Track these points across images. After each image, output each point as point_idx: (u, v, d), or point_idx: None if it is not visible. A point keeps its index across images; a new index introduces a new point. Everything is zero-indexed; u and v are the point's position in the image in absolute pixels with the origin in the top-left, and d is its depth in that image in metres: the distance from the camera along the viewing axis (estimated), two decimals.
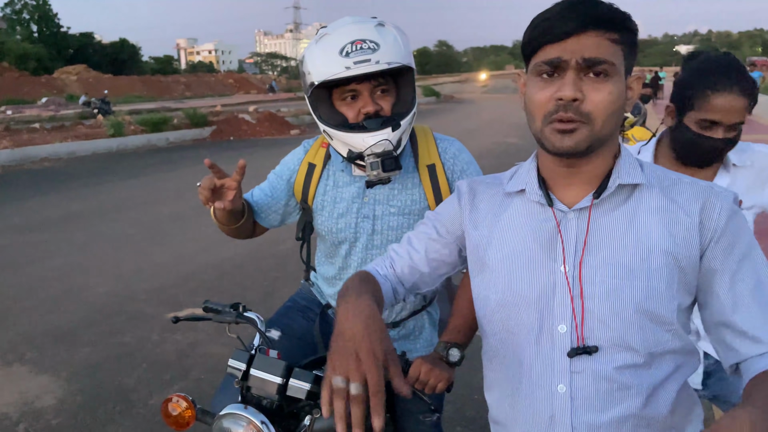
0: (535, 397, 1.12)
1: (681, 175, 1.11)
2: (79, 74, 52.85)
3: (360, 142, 1.61)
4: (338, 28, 1.61)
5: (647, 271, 1.04)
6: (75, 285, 5.60)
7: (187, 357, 4.08)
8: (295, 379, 1.44)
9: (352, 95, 1.65)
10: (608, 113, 1.01)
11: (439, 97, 38.95)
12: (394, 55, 1.58)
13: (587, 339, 1.07)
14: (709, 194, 1.06)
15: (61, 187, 10.88)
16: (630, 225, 1.07)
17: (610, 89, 1.00)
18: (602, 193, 1.08)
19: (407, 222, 1.74)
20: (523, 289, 1.12)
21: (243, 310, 1.72)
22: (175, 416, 1.47)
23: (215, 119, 20.99)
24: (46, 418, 3.39)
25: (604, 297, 1.06)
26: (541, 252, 1.12)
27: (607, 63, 0.99)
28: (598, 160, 1.08)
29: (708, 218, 1.05)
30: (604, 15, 0.99)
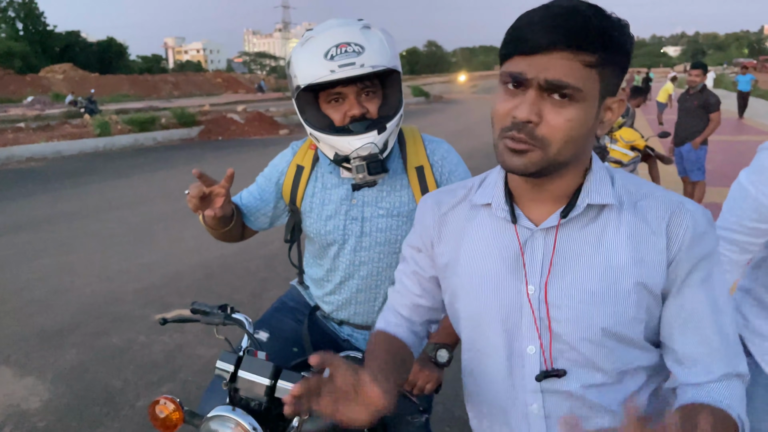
0: (511, 417, 1.13)
1: (654, 188, 1.05)
2: (66, 73, 52.48)
3: (346, 145, 1.60)
4: (324, 31, 1.61)
5: (615, 296, 1.01)
6: (61, 286, 5.55)
7: (175, 358, 4.05)
8: (283, 380, 1.43)
9: (337, 98, 1.64)
10: (565, 139, 0.94)
11: (429, 98, 38.98)
12: (380, 59, 1.58)
13: (555, 360, 1.05)
14: (677, 210, 1.00)
15: (47, 187, 10.79)
16: (598, 246, 1.02)
17: (571, 115, 0.93)
18: (569, 213, 1.03)
19: (396, 224, 1.74)
20: (490, 309, 1.10)
21: (231, 311, 1.72)
22: (163, 418, 1.46)
23: (203, 119, 20.89)
24: (32, 420, 3.36)
25: (572, 321, 1.03)
26: (506, 271, 1.08)
27: (571, 88, 0.91)
28: (563, 178, 1.03)
29: (674, 235, 1.00)
30: (579, 33, 0.90)
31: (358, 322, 1.86)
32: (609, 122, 1.00)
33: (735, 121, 18.98)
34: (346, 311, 1.86)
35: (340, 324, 1.91)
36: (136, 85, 54.48)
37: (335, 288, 1.84)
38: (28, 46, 62.43)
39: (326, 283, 1.86)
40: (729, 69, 74.13)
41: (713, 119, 6.61)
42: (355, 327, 1.89)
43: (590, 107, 0.95)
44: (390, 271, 1.78)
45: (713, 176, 8.99)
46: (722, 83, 37.21)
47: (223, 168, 1.61)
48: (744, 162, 3.36)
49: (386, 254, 1.76)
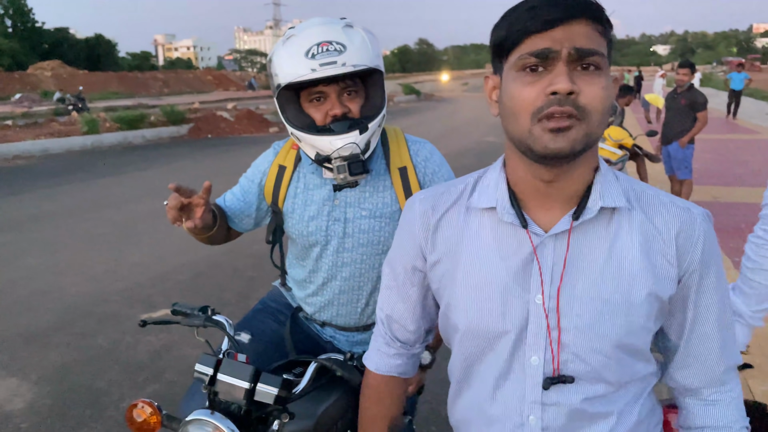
0: (506, 427, 1.07)
1: (657, 192, 1.02)
2: (54, 70, 52.07)
3: (327, 145, 1.59)
4: (305, 29, 1.59)
5: (629, 306, 0.97)
6: (46, 286, 5.50)
7: (161, 359, 4.02)
8: (263, 383, 1.42)
9: (319, 97, 1.63)
10: (602, 110, 0.91)
11: (420, 96, 38.97)
12: (361, 58, 1.56)
13: (561, 372, 1.01)
14: (686, 218, 0.99)
15: (34, 186, 10.69)
16: (610, 252, 0.98)
17: (603, 83, 0.90)
18: (581, 215, 0.98)
19: (378, 225, 1.72)
20: (495, 320, 1.03)
21: (212, 313, 1.70)
22: (140, 422, 1.44)
23: (193, 116, 20.79)
24: (15, 421, 3.33)
25: (582, 331, 0.98)
26: (513, 281, 1.01)
27: (599, 54, 0.89)
28: (578, 171, 0.98)
29: (686, 245, 0.99)
30: (590, 4, 0.90)
31: (341, 323, 1.85)
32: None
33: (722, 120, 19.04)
34: (329, 312, 1.84)
35: (323, 325, 1.90)
36: (125, 83, 54.14)
37: (317, 289, 1.83)
38: (17, 43, 61.91)
39: (308, 285, 1.85)
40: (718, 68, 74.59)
41: (700, 118, 6.64)
42: (337, 328, 1.87)
43: (608, 77, 0.93)
44: (372, 273, 1.77)
45: (701, 175, 9.04)
46: (710, 82, 37.41)
47: (213, 166, 1.61)
48: (732, 160, 3.33)
49: (369, 255, 1.75)
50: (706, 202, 7.63)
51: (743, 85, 19.63)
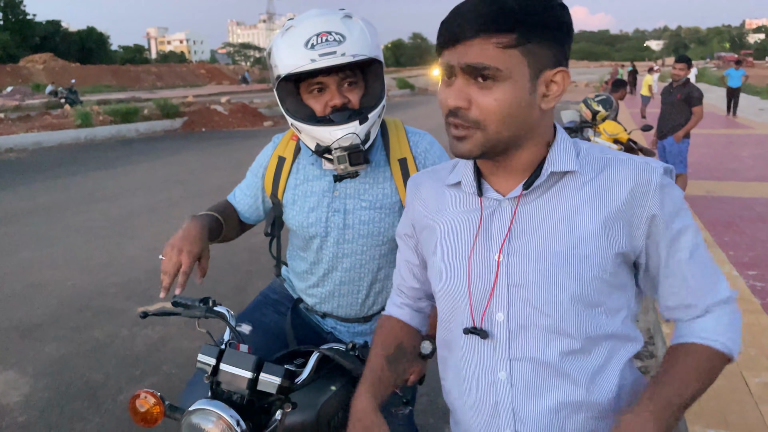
0: (479, 385, 1.16)
1: (618, 154, 1.09)
2: (46, 63, 51.76)
3: (327, 135, 1.59)
4: (304, 20, 1.59)
5: (578, 258, 1.04)
6: (42, 279, 5.48)
7: (158, 351, 4.02)
8: (265, 373, 1.42)
9: (319, 88, 1.62)
10: (499, 118, 1.00)
11: (414, 90, 38.94)
12: (361, 48, 1.56)
13: (525, 327, 1.09)
14: (642, 170, 1.05)
15: (27, 179, 10.65)
16: (561, 212, 1.06)
17: (498, 95, 0.98)
18: (533, 183, 1.07)
19: (378, 216, 1.72)
20: (461, 279, 1.15)
21: (213, 304, 1.70)
22: (143, 412, 1.44)
23: (187, 110, 20.72)
24: (12, 415, 3.32)
25: (538, 285, 1.07)
26: (476, 244, 1.13)
27: (490, 69, 0.97)
28: (522, 152, 1.07)
29: (642, 196, 1.04)
30: (492, 18, 0.96)
31: (342, 314, 1.85)
32: (555, 94, 1.02)
33: (717, 116, 19.08)
34: (329, 304, 1.85)
35: (324, 317, 1.90)
36: (118, 76, 53.90)
37: (318, 281, 1.83)
38: (8, 36, 61.44)
39: (309, 276, 1.85)
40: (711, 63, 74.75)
41: (696, 113, 6.67)
42: (338, 319, 1.88)
43: (519, 85, 0.99)
44: (373, 264, 1.77)
45: (695, 169, 9.07)
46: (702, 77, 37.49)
47: (208, 159, 1.62)
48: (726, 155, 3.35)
49: (369, 247, 1.75)
50: (700, 196, 7.66)
51: (741, 82, 18.89)
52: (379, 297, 1.84)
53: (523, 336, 1.10)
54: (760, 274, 4.88)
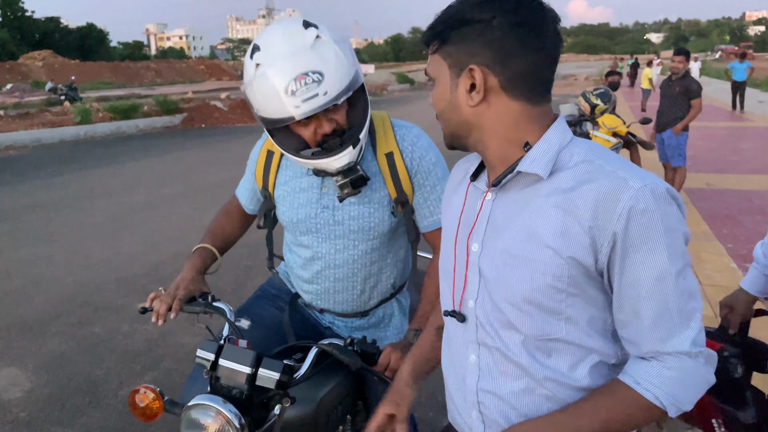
0: (456, 364, 1.23)
1: (609, 162, 1.03)
2: (45, 60, 51.67)
3: (326, 165, 1.60)
4: (275, 59, 1.50)
5: (533, 262, 1.04)
6: (42, 275, 5.49)
7: (158, 347, 4.04)
8: (264, 368, 1.43)
9: (306, 118, 1.57)
10: (439, 112, 1.13)
11: (413, 84, 38.88)
12: (341, 80, 1.52)
13: (487, 317, 1.13)
14: (617, 186, 0.99)
15: (27, 176, 10.65)
16: (526, 215, 1.06)
17: (434, 94, 1.13)
18: (502, 179, 1.09)
19: (368, 211, 1.72)
20: (447, 262, 1.22)
21: (212, 299, 1.71)
22: (143, 407, 1.45)
23: (186, 106, 20.69)
24: (14, 411, 3.33)
25: (497, 281, 1.10)
26: (458, 226, 1.19)
27: (429, 77, 1.13)
28: (487, 148, 1.11)
29: (604, 214, 0.98)
30: (426, 33, 1.10)
31: (339, 310, 1.86)
32: (475, 91, 1.04)
33: (717, 109, 19.02)
34: (326, 300, 1.85)
35: (321, 312, 1.91)
36: (117, 72, 53.81)
37: (313, 277, 1.84)
38: (7, 33, 61.33)
39: (304, 273, 1.86)
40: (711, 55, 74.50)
41: (695, 105, 6.66)
42: (336, 315, 1.89)
43: (441, 86, 1.10)
44: (366, 259, 1.77)
45: (694, 162, 9.07)
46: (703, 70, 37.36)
47: (207, 156, 1.63)
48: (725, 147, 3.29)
49: (360, 242, 1.75)
50: (699, 189, 7.67)
51: (747, 76, 17.97)
52: (375, 291, 1.84)
53: (486, 325, 1.14)
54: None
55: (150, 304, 1.72)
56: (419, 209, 1.76)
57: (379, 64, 73.94)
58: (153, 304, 1.71)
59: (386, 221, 1.73)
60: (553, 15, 1.04)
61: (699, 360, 1.01)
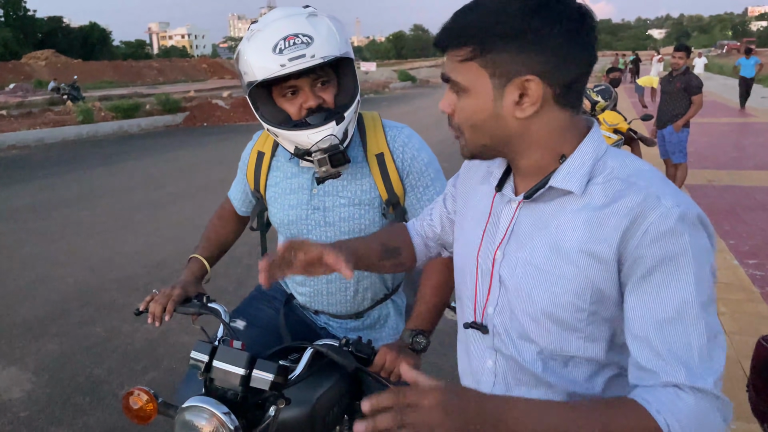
0: (474, 366, 1.22)
1: (639, 183, 0.98)
2: (48, 59, 51.76)
3: (305, 139, 1.57)
4: (270, 23, 1.55)
5: (555, 277, 1.02)
6: (44, 275, 5.51)
7: (159, 346, 4.04)
8: (258, 370, 1.43)
9: (292, 91, 1.60)
10: (469, 126, 1.05)
11: (415, 82, 38.86)
12: (330, 48, 1.53)
13: (504, 326, 1.12)
14: (646, 205, 0.95)
15: (29, 176, 10.67)
16: (553, 228, 1.04)
17: (463, 104, 1.04)
18: (535, 192, 1.06)
19: (358, 212, 1.71)
20: (468, 272, 1.20)
21: (207, 300, 1.71)
22: (136, 410, 1.45)
23: (188, 105, 20.73)
24: (14, 411, 3.34)
25: (517, 291, 1.08)
26: (483, 234, 1.16)
27: (453, 82, 1.04)
28: (523, 159, 1.07)
29: (634, 232, 0.95)
30: (447, 35, 1.03)
31: (333, 311, 1.86)
32: (528, 103, 0.99)
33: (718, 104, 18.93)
34: (320, 302, 1.85)
35: (316, 313, 1.90)
36: (120, 72, 53.87)
37: (305, 280, 1.83)
38: (10, 33, 61.42)
39: (297, 275, 1.85)
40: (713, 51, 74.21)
41: (695, 102, 6.63)
42: (330, 316, 1.88)
43: (481, 96, 1.02)
44: None
45: (696, 158, 9.05)
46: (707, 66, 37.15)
47: (209, 154, 1.64)
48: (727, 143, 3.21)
49: None
50: (701, 185, 7.65)
51: (755, 72, 17.39)
52: (368, 293, 1.84)
53: (503, 333, 1.13)
54: (759, 263, 4.87)
55: (145, 306, 1.72)
56: (412, 210, 1.75)
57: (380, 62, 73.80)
58: (148, 306, 1.71)
59: (377, 222, 1.72)
60: (591, 16, 1.02)
61: (716, 404, 0.92)
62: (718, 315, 0.99)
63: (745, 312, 3.92)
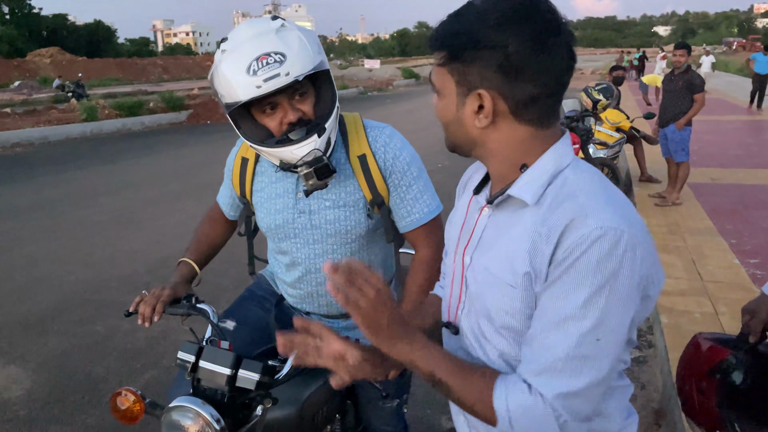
0: None
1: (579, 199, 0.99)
2: (53, 57, 51.90)
3: (289, 155, 1.58)
4: (239, 44, 1.54)
5: (508, 288, 1.04)
6: (45, 273, 5.53)
7: (158, 345, 4.06)
8: (244, 369, 1.43)
9: (271, 107, 1.60)
10: (443, 123, 1.11)
11: (419, 79, 38.81)
12: (303, 63, 1.53)
13: (470, 327, 1.15)
14: (576, 220, 0.96)
15: (33, 173, 10.71)
16: (507, 237, 1.06)
17: (438, 105, 1.10)
18: (495, 199, 1.10)
19: (344, 214, 1.72)
20: (448, 273, 1.24)
21: (196, 301, 1.71)
22: (124, 410, 1.46)
23: (192, 103, 20.73)
24: (14, 409, 3.36)
25: (477, 296, 1.12)
26: (459, 236, 1.20)
27: (431, 80, 1.10)
28: (489, 165, 1.12)
29: (561, 244, 0.97)
30: (433, 37, 1.07)
31: (323, 312, 1.87)
32: (483, 114, 1.02)
33: (720, 101, 18.84)
34: (310, 304, 1.86)
35: (307, 314, 1.91)
36: (124, 69, 54.00)
37: (295, 282, 1.84)
38: (15, 30, 61.64)
39: (287, 278, 1.87)
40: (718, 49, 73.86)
41: (698, 100, 6.60)
42: (321, 316, 1.89)
43: (447, 101, 1.07)
44: None
45: (699, 156, 9.01)
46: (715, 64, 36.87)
47: (212, 152, 1.65)
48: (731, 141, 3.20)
49: (339, 245, 1.75)
50: (704, 183, 7.62)
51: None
52: None
53: (469, 335, 1.16)
54: (761, 262, 4.85)
55: (134, 308, 1.72)
56: (396, 210, 1.76)
57: (384, 59, 73.80)
58: (138, 307, 1.72)
59: (363, 224, 1.73)
60: (569, 37, 1.01)
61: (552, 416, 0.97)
62: (717, 315, 1.00)
63: None
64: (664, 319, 3.89)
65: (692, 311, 3.96)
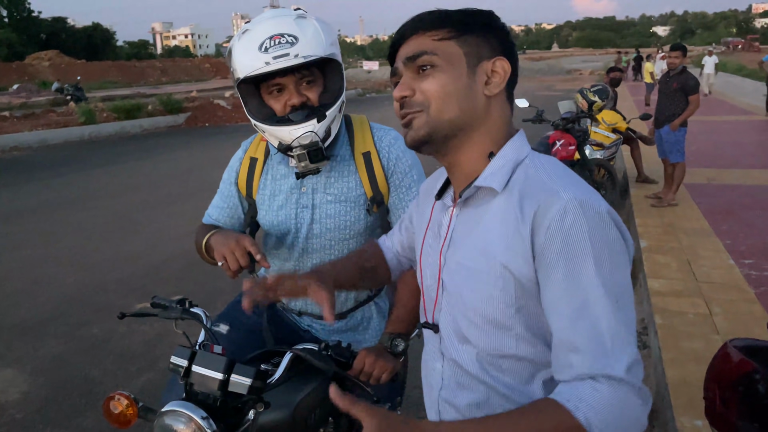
0: (428, 368, 1.27)
1: (552, 177, 1.04)
2: (52, 60, 51.85)
3: (287, 134, 1.63)
4: (259, 23, 1.63)
5: (484, 276, 1.05)
6: (43, 276, 5.54)
7: (155, 348, 4.07)
8: (236, 374, 1.44)
9: (278, 88, 1.66)
10: (441, 97, 1.07)
11: None
12: (314, 48, 1.60)
13: (447, 329, 1.17)
14: (549, 198, 0.99)
15: (31, 177, 10.73)
16: (481, 228, 1.08)
17: (436, 78, 1.07)
18: (463, 193, 1.12)
19: (344, 209, 1.76)
20: (420, 273, 1.27)
21: (189, 305, 1.72)
22: (117, 414, 1.47)
23: (190, 105, 20.76)
24: (10, 412, 3.37)
25: (454, 293, 1.14)
26: (423, 242, 1.25)
27: (427, 54, 1.07)
28: (461, 156, 1.12)
29: (539, 225, 0.98)
30: (429, 19, 1.10)
31: (316, 312, 1.88)
32: (497, 81, 1.10)
33: (717, 101, 18.85)
34: (302, 304, 1.87)
35: (300, 315, 1.92)
36: (123, 72, 53.95)
37: None
38: (13, 33, 61.60)
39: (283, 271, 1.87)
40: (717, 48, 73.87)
41: (692, 101, 6.62)
42: (314, 317, 1.90)
43: (456, 71, 1.08)
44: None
45: (696, 157, 9.03)
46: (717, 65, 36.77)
47: (210, 155, 1.67)
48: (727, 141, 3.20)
49: (337, 241, 1.78)
50: (700, 184, 7.63)
51: None
52: (351, 294, 1.87)
53: (446, 336, 1.18)
54: (755, 263, 4.87)
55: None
56: (394, 210, 1.80)
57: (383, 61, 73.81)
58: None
59: (362, 220, 1.77)
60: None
61: (633, 390, 0.92)
62: (711, 316, 1.01)
63: (738, 312, 3.91)
64: (659, 319, 3.90)
65: (686, 312, 3.97)
